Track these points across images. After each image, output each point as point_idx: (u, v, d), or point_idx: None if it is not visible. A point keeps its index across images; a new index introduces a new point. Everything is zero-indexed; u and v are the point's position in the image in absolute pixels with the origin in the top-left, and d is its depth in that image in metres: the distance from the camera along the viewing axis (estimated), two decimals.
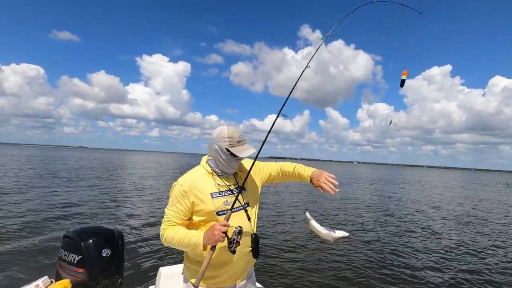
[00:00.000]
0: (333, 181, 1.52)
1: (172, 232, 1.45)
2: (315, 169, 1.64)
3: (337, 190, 1.50)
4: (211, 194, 1.48)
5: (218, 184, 1.52)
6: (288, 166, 1.73)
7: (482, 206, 14.01)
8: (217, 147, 1.50)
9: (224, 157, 1.50)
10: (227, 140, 1.47)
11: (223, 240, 1.36)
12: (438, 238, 7.40)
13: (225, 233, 1.35)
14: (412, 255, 5.88)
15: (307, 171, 1.65)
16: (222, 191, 1.51)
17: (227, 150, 1.47)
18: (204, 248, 1.41)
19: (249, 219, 1.57)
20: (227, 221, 1.40)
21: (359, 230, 7.71)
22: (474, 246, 6.72)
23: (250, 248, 1.54)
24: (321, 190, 1.54)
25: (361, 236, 7.11)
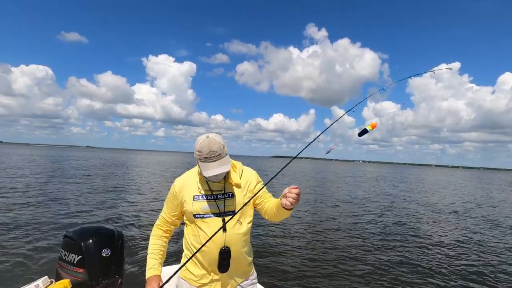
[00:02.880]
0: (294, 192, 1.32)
1: (152, 241, 1.64)
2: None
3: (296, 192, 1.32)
4: (193, 196, 1.51)
5: (201, 187, 1.52)
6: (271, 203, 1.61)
7: (482, 204, 13.80)
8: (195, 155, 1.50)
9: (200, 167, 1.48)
10: (197, 153, 1.44)
11: None
12: (433, 236, 7.29)
13: None
14: (410, 255, 5.80)
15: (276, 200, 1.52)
16: (206, 195, 1.50)
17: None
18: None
19: (224, 229, 1.45)
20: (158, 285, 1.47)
21: (359, 230, 7.63)
22: (473, 245, 6.60)
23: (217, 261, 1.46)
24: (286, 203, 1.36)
25: (360, 236, 7.04)
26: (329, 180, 25.92)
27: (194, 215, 1.49)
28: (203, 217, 1.48)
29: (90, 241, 2.04)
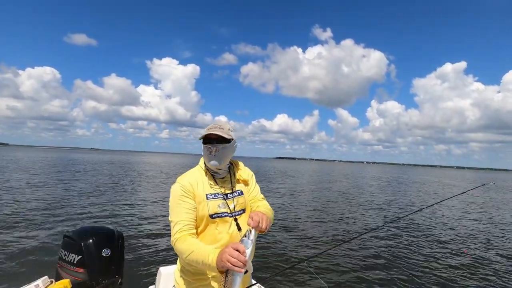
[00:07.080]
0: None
1: (186, 242, 1.26)
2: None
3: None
4: (206, 195, 1.39)
5: (212, 185, 1.44)
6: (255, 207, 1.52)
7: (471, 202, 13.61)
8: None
9: (203, 150, 1.45)
10: (203, 132, 1.44)
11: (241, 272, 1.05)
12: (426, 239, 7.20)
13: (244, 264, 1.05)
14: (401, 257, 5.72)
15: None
16: (217, 194, 1.42)
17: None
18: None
19: (239, 229, 1.39)
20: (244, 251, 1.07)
21: (358, 231, 7.56)
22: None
23: None
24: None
25: (358, 236, 6.97)
26: (333, 184, 25.79)
27: (211, 216, 1.36)
28: (221, 216, 1.38)
29: (90, 241, 2.04)
